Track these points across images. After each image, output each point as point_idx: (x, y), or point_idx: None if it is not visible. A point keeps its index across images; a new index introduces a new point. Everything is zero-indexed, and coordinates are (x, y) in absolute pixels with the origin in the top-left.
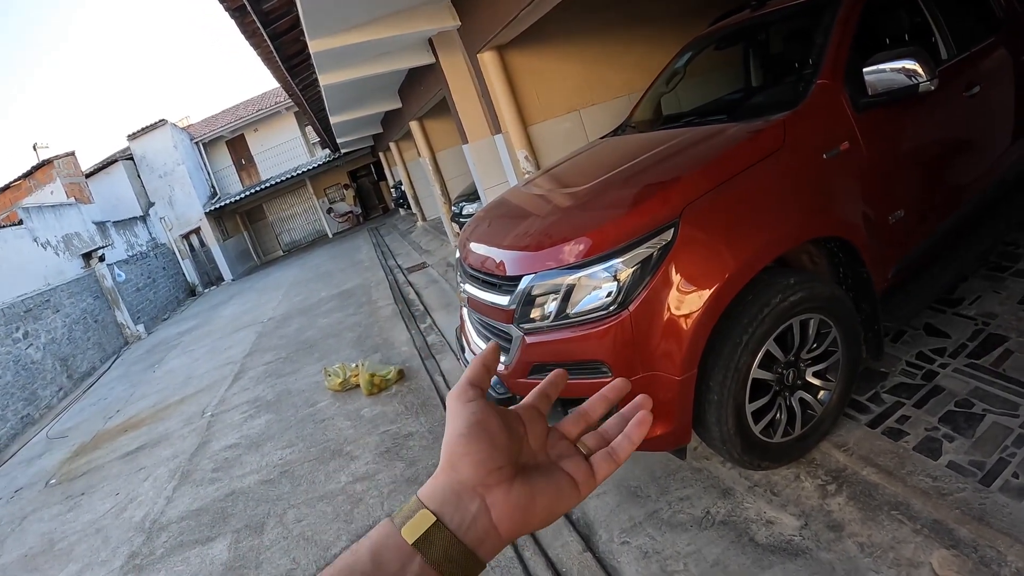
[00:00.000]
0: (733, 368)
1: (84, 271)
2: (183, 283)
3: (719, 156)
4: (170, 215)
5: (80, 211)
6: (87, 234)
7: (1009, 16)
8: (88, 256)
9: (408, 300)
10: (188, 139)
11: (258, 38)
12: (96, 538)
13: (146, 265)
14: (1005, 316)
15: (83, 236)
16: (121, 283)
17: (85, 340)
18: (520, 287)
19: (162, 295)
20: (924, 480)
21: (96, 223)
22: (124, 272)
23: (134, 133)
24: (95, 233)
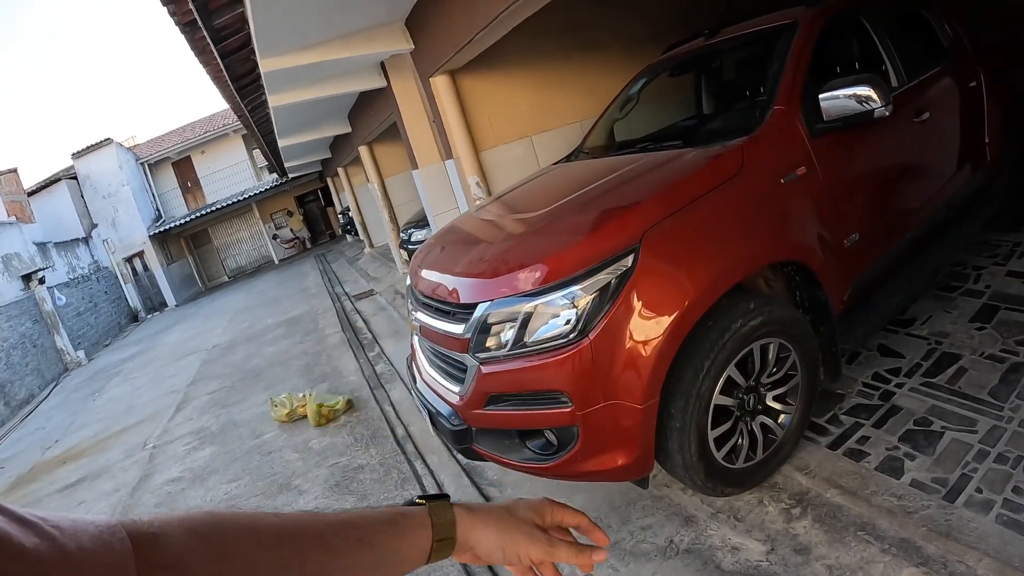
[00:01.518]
0: (695, 395)
1: (23, 293)
2: (125, 308)
3: (678, 181)
4: (113, 237)
5: (21, 230)
6: (27, 255)
7: (955, 45)
8: (28, 278)
9: (356, 328)
10: (134, 159)
11: (208, 55)
12: None
13: (88, 289)
14: (957, 335)
15: (23, 257)
16: (61, 307)
17: (23, 366)
18: (475, 315)
19: (103, 320)
20: (888, 499)
21: (37, 244)
22: (65, 296)
23: (79, 151)
24: (36, 254)
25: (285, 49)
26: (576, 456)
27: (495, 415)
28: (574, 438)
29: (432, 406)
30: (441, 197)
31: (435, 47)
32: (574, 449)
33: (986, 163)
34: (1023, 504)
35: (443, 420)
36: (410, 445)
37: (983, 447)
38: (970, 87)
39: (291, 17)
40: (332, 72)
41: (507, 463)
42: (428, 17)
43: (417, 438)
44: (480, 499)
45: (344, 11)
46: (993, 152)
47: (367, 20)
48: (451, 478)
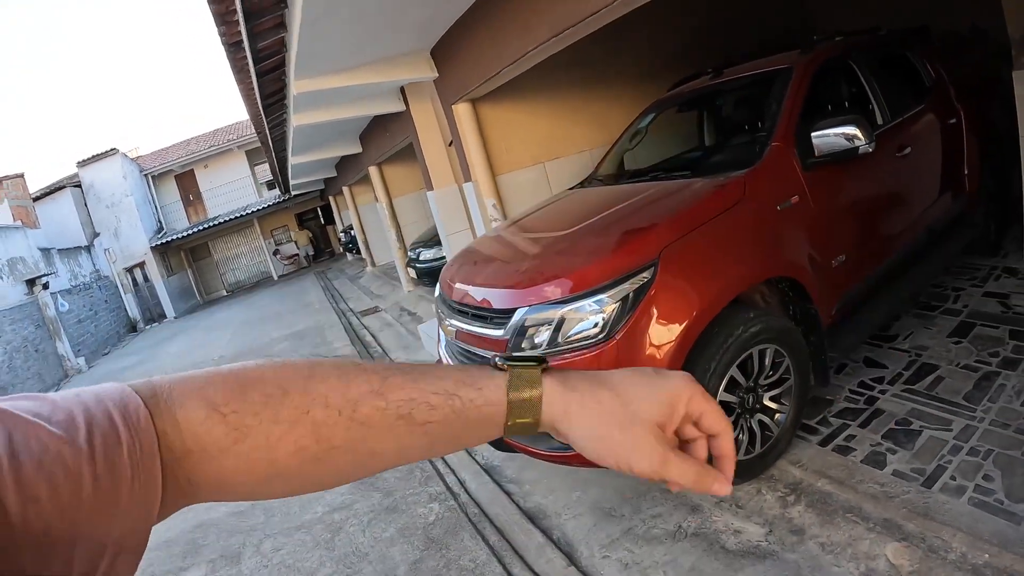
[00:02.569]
0: None
1: (27, 298)
2: (124, 318)
3: (690, 206)
4: (115, 247)
5: (26, 235)
6: (32, 260)
7: (937, 84)
8: (32, 283)
9: (365, 342)
10: (138, 170)
11: (245, 74)
12: None
13: (89, 297)
14: (936, 348)
15: (28, 261)
16: (64, 313)
17: (25, 370)
18: (513, 319)
19: (103, 329)
20: (873, 487)
21: (41, 249)
22: (67, 302)
23: (84, 160)
24: (40, 259)
25: (318, 72)
26: None
27: None
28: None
29: None
30: (454, 218)
31: (460, 76)
32: None
33: (965, 192)
34: (992, 489)
35: None
36: None
37: (957, 443)
38: (950, 123)
39: (330, 45)
40: (356, 95)
41: (535, 452)
42: (455, 48)
43: None
44: (500, 496)
45: (376, 41)
46: (972, 182)
47: (396, 49)
48: (472, 476)
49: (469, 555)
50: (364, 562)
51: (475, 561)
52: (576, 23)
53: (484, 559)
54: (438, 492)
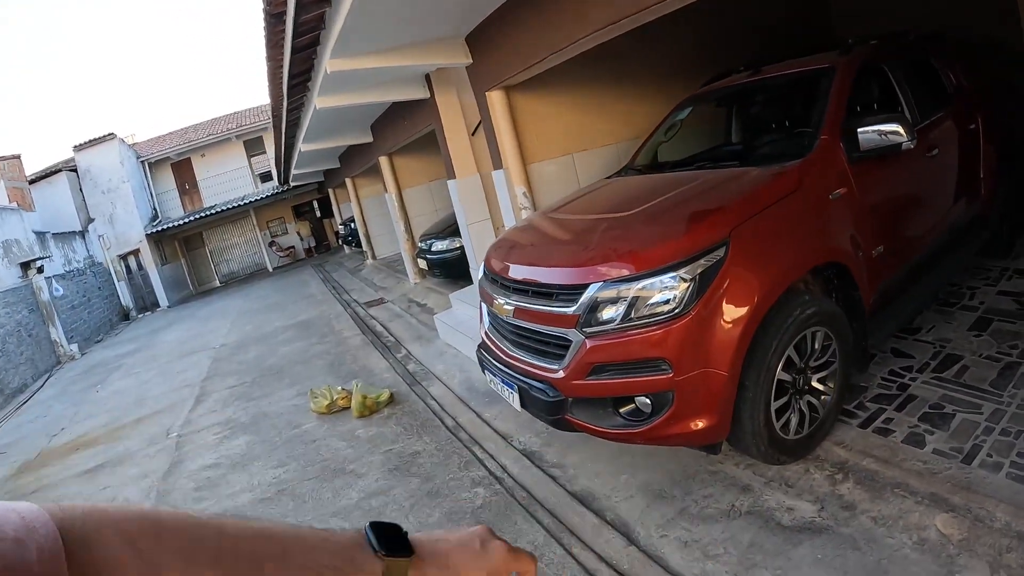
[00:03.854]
0: (765, 368)
1: (21, 281)
2: (117, 306)
3: (753, 191)
4: (109, 234)
5: (22, 217)
6: (27, 243)
7: (958, 91)
8: (26, 266)
9: (376, 332)
10: (135, 157)
11: (278, 49)
12: None
13: (82, 283)
14: (958, 340)
15: (23, 244)
16: (58, 298)
17: (18, 354)
18: (585, 295)
19: (96, 316)
20: (916, 464)
21: (36, 233)
22: (61, 287)
23: (81, 144)
24: (35, 243)
25: (355, 52)
26: (667, 420)
27: (597, 384)
28: (668, 403)
29: (524, 382)
30: (475, 208)
31: (497, 63)
32: (667, 413)
33: (981, 196)
34: None
35: (537, 394)
36: (463, 434)
37: (989, 424)
38: (970, 128)
39: (374, 23)
40: (383, 79)
41: (599, 431)
42: (494, 35)
43: (468, 428)
44: (545, 480)
45: (419, 23)
46: (987, 186)
47: (433, 33)
48: (512, 461)
49: (526, 537)
50: None
51: (533, 543)
52: (637, 12)
53: (542, 541)
54: (481, 477)
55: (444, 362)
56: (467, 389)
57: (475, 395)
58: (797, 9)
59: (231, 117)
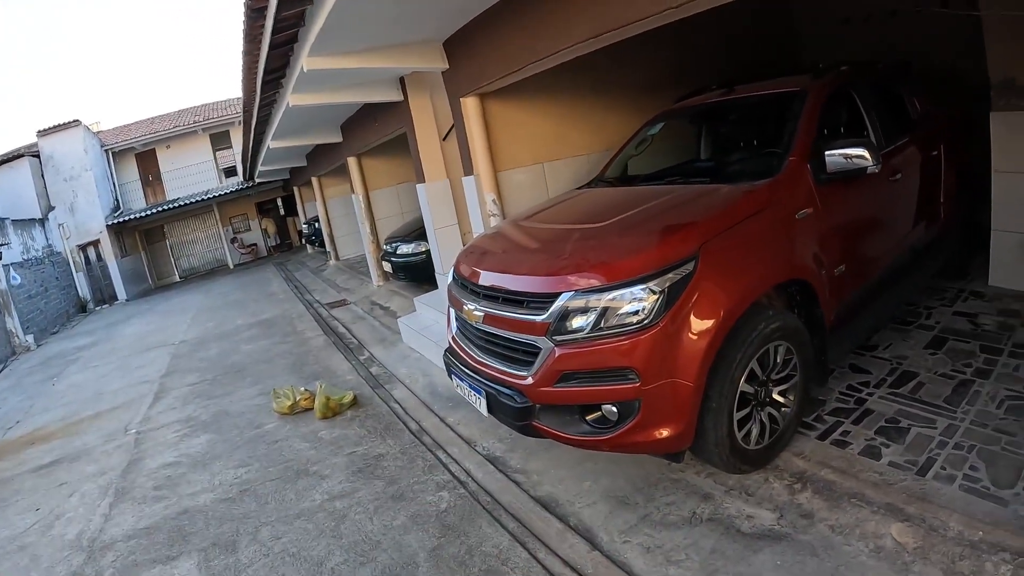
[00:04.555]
0: (729, 380)
1: None
2: (75, 297)
3: (724, 207)
4: (69, 223)
5: None
6: None
7: (921, 120)
8: None
9: (338, 333)
10: (99, 145)
11: (256, 43)
12: (21, 556)
13: (40, 272)
14: (915, 358)
15: None
16: (15, 287)
17: None
18: (556, 304)
19: (53, 307)
20: (872, 475)
21: None
22: (19, 276)
23: (45, 130)
24: None
25: (334, 51)
26: (633, 428)
27: (565, 392)
28: (634, 411)
29: (491, 387)
30: (443, 212)
31: (473, 69)
32: (633, 421)
33: (940, 220)
34: (979, 477)
35: (504, 399)
36: (427, 438)
37: (943, 438)
38: (932, 155)
39: (356, 23)
40: (358, 80)
41: (566, 437)
42: (471, 42)
43: (432, 432)
44: (510, 485)
45: (398, 25)
46: (947, 211)
47: (413, 36)
48: (476, 466)
49: (490, 541)
50: (378, 550)
51: (498, 547)
52: (623, 25)
53: (507, 545)
54: (445, 481)
55: (407, 366)
56: (431, 393)
57: (439, 399)
58: (769, 34)
59: (198, 110)
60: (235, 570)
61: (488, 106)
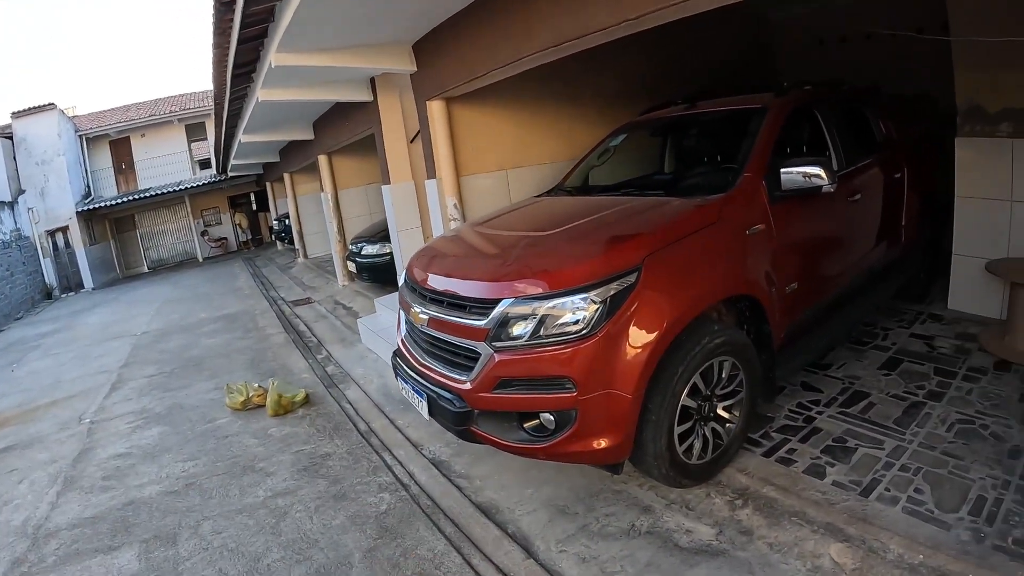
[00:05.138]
0: (670, 394)
1: None
2: (40, 283)
3: (671, 220)
4: (39, 207)
5: None
6: None
7: (887, 141)
8: None
9: (299, 331)
10: (73, 130)
11: (226, 36)
12: None
13: (7, 256)
14: (867, 378)
15: None
16: None
17: None
18: (497, 310)
19: (18, 292)
20: (815, 494)
21: None
22: None
23: (19, 112)
24: None
25: (301, 48)
26: (570, 437)
27: (502, 398)
28: (571, 421)
29: (433, 391)
30: (407, 215)
31: (441, 73)
32: (570, 431)
33: (901, 242)
34: (923, 500)
35: (445, 403)
36: (375, 439)
37: (889, 460)
38: (896, 177)
39: (324, 21)
40: (328, 78)
41: (503, 444)
42: (440, 44)
43: (380, 433)
44: (452, 490)
45: (366, 25)
46: (908, 233)
47: (382, 37)
48: (420, 469)
49: (426, 545)
50: (314, 548)
51: (433, 551)
52: (583, 35)
53: (442, 549)
54: (388, 483)
55: (364, 366)
56: (383, 395)
57: (390, 401)
58: (745, 52)
59: (175, 99)
60: (174, 563)
61: (454, 110)
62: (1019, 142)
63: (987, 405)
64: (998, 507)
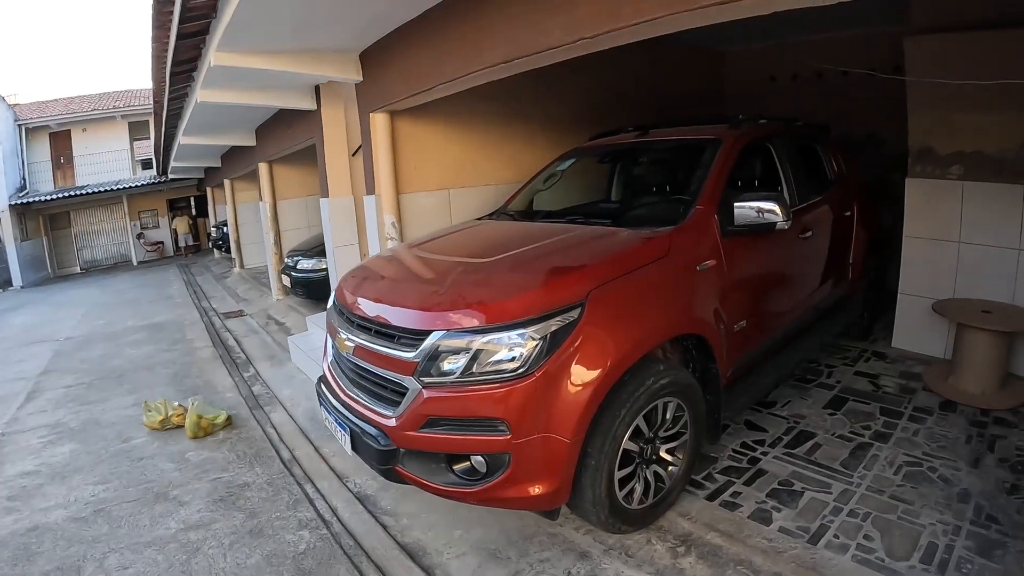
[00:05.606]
0: (611, 437)
1: None
2: None
3: (618, 253)
4: None
5: None
6: None
7: (837, 179)
8: None
9: (227, 346)
10: (12, 118)
11: (165, 31)
12: None
13: None
14: (812, 417)
15: None
16: None
17: None
18: (427, 342)
19: None
20: (761, 541)
21: None
22: None
23: None
24: None
25: (244, 48)
26: (502, 483)
27: (430, 438)
28: (504, 465)
29: (356, 425)
30: (344, 230)
31: (386, 84)
32: (502, 476)
33: (848, 280)
34: (873, 548)
35: (369, 440)
36: (297, 468)
37: (837, 504)
38: (845, 215)
39: (268, 20)
40: (271, 83)
41: (430, 486)
42: (388, 55)
43: (304, 462)
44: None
45: (315, 29)
46: (855, 272)
47: (328, 43)
48: (344, 504)
49: None
50: None
51: None
52: (536, 52)
53: None
54: (308, 519)
55: (292, 387)
56: (309, 419)
57: (317, 427)
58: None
59: (121, 95)
60: None
61: (398, 124)
62: (969, 185)
63: (934, 447)
64: (950, 554)
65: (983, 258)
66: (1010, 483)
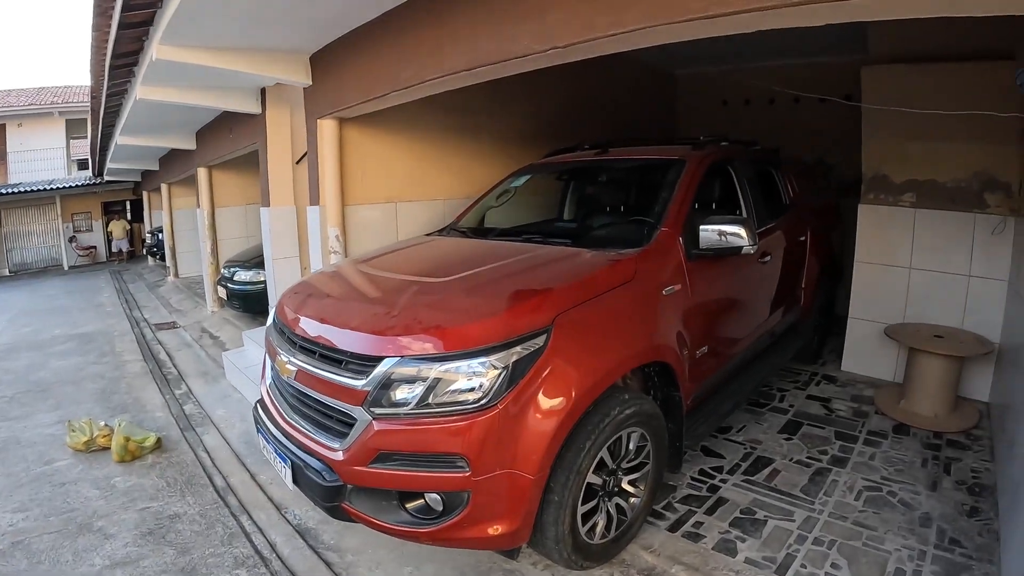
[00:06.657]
0: (576, 472)
1: None
2: None
3: (585, 276)
4: None
5: None
6: None
7: (792, 205)
8: None
9: (159, 360)
10: None
11: (106, 19)
12: None
13: None
14: (768, 442)
15: None
16: None
17: None
18: (378, 369)
19: None
20: (728, 574)
21: None
22: None
23: None
24: None
25: (189, 42)
26: (460, 522)
27: (381, 474)
28: (463, 503)
29: (298, 457)
30: (285, 242)
31: (336, 90)
32: (460, 515)
33: (800, 304)
34: None
35: (312, 474)
36: (232, 498)
37: (801, 532)
38: (799, 240)
39: (218, 12)
40: (215, 82)
41: (381, 525)
42: (339, 59)
43: (239, 491)
44: (319, 566)
45: (265, 26)
46: (807, 297)
47: (278, 43)
48: (284, 539)
49: None
50: None
51: None
52: (498, 62)
53: None
54: (245, 556)
55: (226, 407)
56: (245, 443)
57: (253, 451)
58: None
59: (59, 91)
60: None
61: (346, 132)
62: (921, 212)
63: (892, 471)
64: None
65: (933, 284)
66: (969, 505)
